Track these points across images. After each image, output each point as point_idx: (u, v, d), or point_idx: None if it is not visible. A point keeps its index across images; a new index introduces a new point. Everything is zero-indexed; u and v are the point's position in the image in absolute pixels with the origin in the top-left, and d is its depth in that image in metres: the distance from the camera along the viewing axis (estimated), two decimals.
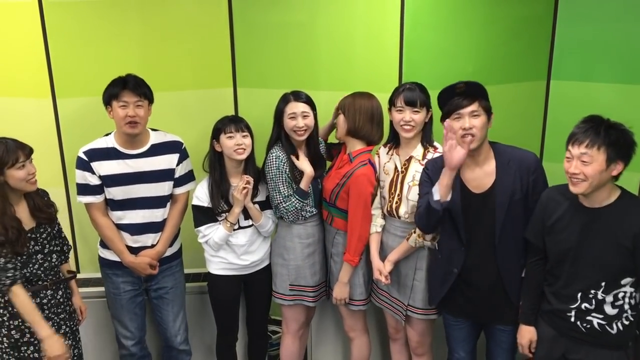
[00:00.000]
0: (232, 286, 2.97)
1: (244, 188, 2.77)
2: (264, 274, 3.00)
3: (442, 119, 2.48)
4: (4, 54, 3.10)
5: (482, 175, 2.50)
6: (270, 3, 3.20)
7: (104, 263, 2.94)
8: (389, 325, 3.04)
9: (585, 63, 3.27)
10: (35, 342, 2.57)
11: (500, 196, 2.46)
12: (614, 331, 2.28)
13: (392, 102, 2.71)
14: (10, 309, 2.53)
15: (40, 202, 2.62)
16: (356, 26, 3.13)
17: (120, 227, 2.84)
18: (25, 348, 2.58)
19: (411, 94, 2.66)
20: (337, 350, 3.39)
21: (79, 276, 3.28)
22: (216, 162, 2.83)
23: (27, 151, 2.52)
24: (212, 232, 2.85)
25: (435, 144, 2.73)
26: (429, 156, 2.68)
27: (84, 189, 2.78)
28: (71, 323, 2.76)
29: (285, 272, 2.92)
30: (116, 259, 2.87)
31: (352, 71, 3.16)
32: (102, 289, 3.04)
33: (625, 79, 3.19)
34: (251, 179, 2.79)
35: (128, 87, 2.67)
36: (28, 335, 2.57)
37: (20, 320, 2.55)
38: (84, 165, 2.75)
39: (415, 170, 2.69)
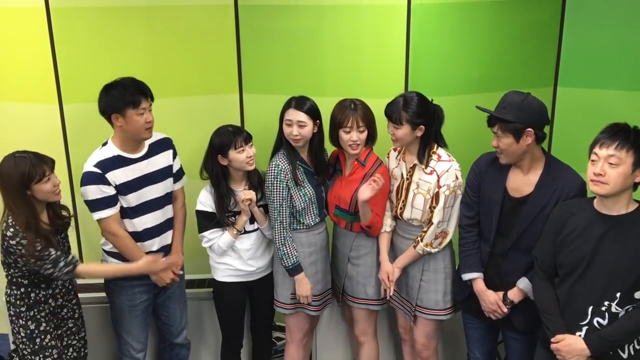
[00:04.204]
0: (238, 293, 2.97)
1: (247, 201, 2.77)
2: (269, 281, 2.99)
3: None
4: (11, 59, 3.12)
5: (524, 182, 2.51)
6: (277, 10, 3.21)
7: (118, 277, 2.82)
8: (399, 325, 3.05)
9: (592, 70, 3.26)
10: (51, 330, 2.62)
11: (530, 207, 2.47)
12: (625, 355, 2.21)
13: None
14: (26, 300, 2.58)
15: (57, 210, 2.65)
16: (363, 33, 3.14)
17: (136, 235, 2.80)
18: (43, 337, 2.61)
19: (389, 107, 2.65)
20: (342, 356, 3.38)
21: (82, 282, 3.28)
22: (221, 176, 2.82)
23: (51, 164, 2.54)
24: (217, 237, 2.85)
25: (440, 151, 2.69)
26: (432, 165, 2.66)
27: (100, 204, 2.67)
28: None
29: (287, 280, 2.91)
30: None
31: (359, 78, 3.16)
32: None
33: (633, 86, 3.18)
34: (253, 195, 2.79)
35: (144, 94, 2.64)
36: (44, 325, 2.61)
37: (35, 310, 2.59)
38: (99, 178, 2.64)
39: (419, 178, 2.69)
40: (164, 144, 2.87)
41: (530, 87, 3.11)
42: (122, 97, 2.61)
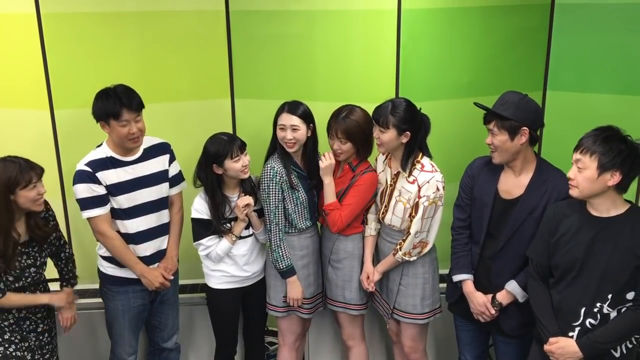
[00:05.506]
0: (234, 299, 2.96)
1: (245, 207, 2.78)
2: (262, 285, 3.00)
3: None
4: (2, 65, 3.11)
5: (515, 184, 2.53)
6: (268, 15, 3.22)
7: (112, 281, 2.86)
8: (389, 329, 3.06)
9: (581, 73, 3.29)
10: (17, 341, 2.60)
11: (520, 209, 2.48)
12: (617, 354, 2.24)
13: None
14: None
15: (39, 221, 2.61)
16: (353, 38, 3.15)
17: (129, 237, 2.80)
18: (7, 346, 2.58)
19: (377, 111, 2.65)
20: (334, 359, 3.39)
21: (76, 288, 3.26)
22: (215, 184, 2.81)
23: (39, 171, 2.53)
24: (214, 245, 2.85)
25: (424, 160, 2.66)
26: (415, 174, 2.65)
27: (90, 202, 2.69)
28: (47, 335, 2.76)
29: (279, 283, 2.91)
30: (126, 274, 2.83)
31: (349, 82, 3.18)
32: (99, 300, 3.02)
33: (621, 89, 3.21)
34: (251, 201, 2.80)
35: (127, 106, 2.62)
36: (8, 334, 2.58)
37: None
38: (89, 177, 2.66)
39: (402, 187, 2.69)
40: (160, 149, 2.87)
41: (520, 91, 3.15)
42: (104, 108, 2.63)
